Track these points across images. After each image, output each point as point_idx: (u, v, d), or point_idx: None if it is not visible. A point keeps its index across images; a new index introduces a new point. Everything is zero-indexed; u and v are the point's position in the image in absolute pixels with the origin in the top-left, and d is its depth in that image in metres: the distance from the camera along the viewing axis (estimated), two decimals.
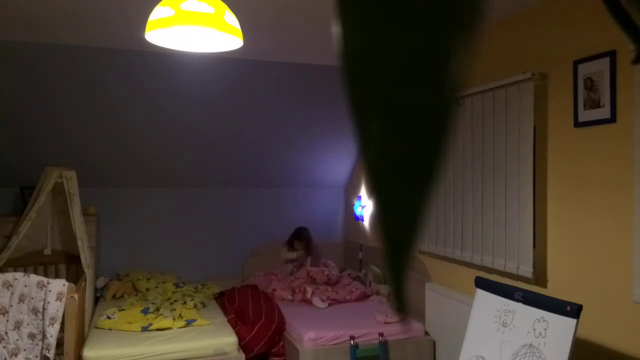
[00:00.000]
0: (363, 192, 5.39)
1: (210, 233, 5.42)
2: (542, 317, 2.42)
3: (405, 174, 0.31)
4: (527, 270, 2.99)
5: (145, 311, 4.04)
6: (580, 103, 2.70)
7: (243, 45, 2.07)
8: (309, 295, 4.62)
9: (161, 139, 4.72)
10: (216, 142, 4.88)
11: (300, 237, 5.41)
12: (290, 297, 4.71)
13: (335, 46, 0.30)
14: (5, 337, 3.25)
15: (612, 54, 2.51)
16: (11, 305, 3.29)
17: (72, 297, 3.32)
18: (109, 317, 3.86)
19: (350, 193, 5.78)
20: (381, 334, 3.78)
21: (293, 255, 5.36)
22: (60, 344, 3.29)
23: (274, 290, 4.82)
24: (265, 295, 4.70)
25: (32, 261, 4.45)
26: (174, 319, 3.89)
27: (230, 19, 1.86)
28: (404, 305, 0.32)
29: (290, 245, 5.41)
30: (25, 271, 3.75)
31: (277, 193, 5.68)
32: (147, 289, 4.71)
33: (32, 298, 3.30)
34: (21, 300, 3.30)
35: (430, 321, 3.94)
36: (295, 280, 4.98)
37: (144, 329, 3.75)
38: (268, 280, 5.05)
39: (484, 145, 3.36)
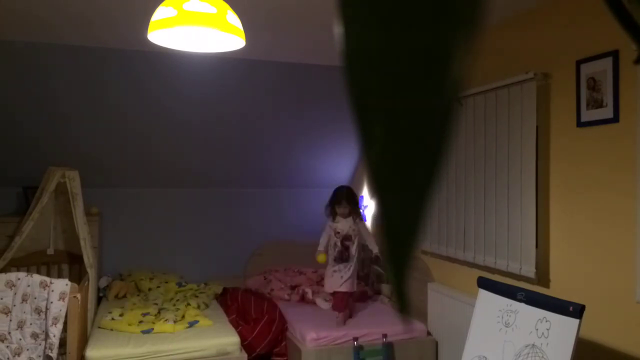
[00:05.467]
0: (365, 192, 5.39)
1: (212, 233, 5.42)
2: (544, 318, 2.41)
3: (407, 174, 0.31)
4: (529, 270, 2.98)
5: (146, 314, 4.02)
6: (583, 103, 2.69)
7: (245, 45, 2.07)
8: (309, 296, 4.61)
9: (163, 139, 4.72)
10: (219, 142, 4.88)
11: (342, 200, 4.13)
12: (287, 296, 4.69)
13: (337, 46, 0.30)
14: (8, 336, 3.25)
15: (614, 54, 2.51)
16: (14, 305, 3.29)
17: (74, 297, 3.32)
18: (113, 319, 3.86)
19: None
20: (385, 335, 3.78)
21: (342, 227, 4.11)
22: (63, 343, 3.30)
23: (272, 290, 4.80)
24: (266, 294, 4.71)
25: (35, 261, 4.47)
26: (174, 322, 3.87)
27: (232, 19, 1.86)
28: (406, 306, 0.32)
29: (333, 214, 4.18)
30: (28, 271, 3.76)
31: (279, 193, 5.68)
32: (150, 289, 4.72)
33: (35, 298, 3.30)
34: (24, 300, 3.30)
35: (433, 321, 3.94)
36: (298, 276, 4.98)
37: (145, 333, 3.74)
38: (267, 282, 5.01)
39: (487, 145, 3.36)
